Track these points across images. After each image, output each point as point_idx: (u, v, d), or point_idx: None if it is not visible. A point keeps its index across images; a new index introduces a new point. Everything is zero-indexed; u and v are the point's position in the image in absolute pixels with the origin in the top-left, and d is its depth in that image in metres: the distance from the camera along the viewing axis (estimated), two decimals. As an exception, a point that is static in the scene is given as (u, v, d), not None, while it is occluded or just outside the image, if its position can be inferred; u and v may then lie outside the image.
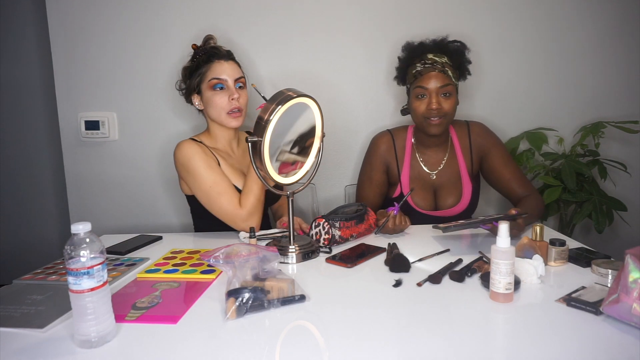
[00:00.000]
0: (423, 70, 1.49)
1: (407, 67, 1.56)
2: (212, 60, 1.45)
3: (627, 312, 0.80)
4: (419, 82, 1.49)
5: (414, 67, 1.52)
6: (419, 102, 1.51)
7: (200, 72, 1.45)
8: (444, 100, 1.48)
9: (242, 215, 1.37)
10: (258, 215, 1.40)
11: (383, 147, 1.64)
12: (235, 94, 1.44)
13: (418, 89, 1.50)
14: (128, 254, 1.31)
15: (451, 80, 1.49)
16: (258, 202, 1.39)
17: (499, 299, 0.93)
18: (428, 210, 1.59)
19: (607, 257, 1.14)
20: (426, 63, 1.49)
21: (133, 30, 1.93)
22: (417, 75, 1.50)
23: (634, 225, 2.05)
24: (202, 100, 1.48)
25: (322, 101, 1.27)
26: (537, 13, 1.97)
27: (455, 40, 1.54)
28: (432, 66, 1.48)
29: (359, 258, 1.20)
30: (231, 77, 1.45)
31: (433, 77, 1.47)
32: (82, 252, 0.76)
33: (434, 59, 1.49)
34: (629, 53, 2.01)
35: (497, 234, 0.94)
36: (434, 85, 1.47)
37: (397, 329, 0.85)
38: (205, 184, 1.39)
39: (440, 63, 1.48)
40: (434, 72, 1.47)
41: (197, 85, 1.47)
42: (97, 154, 2.02)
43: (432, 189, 1.61)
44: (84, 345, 0.79)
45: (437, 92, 1.48)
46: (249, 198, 1.38)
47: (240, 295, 0.90)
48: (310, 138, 1.28)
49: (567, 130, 2.03)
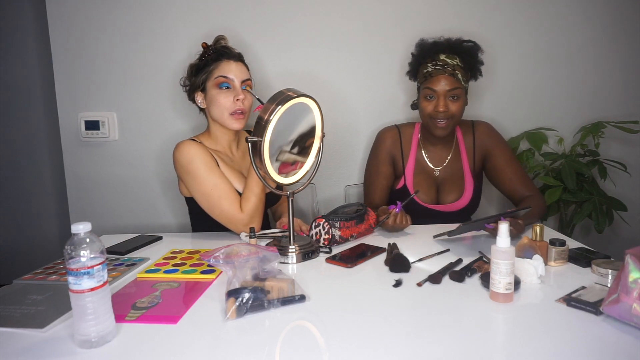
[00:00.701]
0: (434, 72, 1.50)
1: (419, 64, 1.57)
2: (220, 59, 1.42)
3: (627, 312, 0.80)
4: (429, 83, 1.51)
5: (425, 66, 1.53)
6: (427, 103, 1.53)
7: (208, 70, 1.42)
8: (451, 103, 1.50)
9: (243, 220, 1.36)
10: (259, 218, 1.39)
11: (389, 141, 1.66)
12: (241, 95, 1.40)
13: (427, 90, 1.52)
14: (128, 254, 1.31)
15: (460, 84, 1.50)
16: (259, 205, 1.38)
17: (499, 299, 0.93)
18: (430, 204, 1.61)
19: (607, 257, 1.14)
20: (437, 64, 1.49)
21: (133, 30, 1.93)
22: (427, 76, 1.51)
23: (634, 225, 2.05)
24: (206, 98, 1.45)
25: (322, 101, 1.27)
26: (537, 13, 1.97)
27: (469, 40, 1.55)
28: (442, 68, 1.48)
29: (359, 258, 1.20)
30: (238, 78, 1.42)
31: (442, 79, 1.48)
32: (82, 252, 0.76)
33: (445, 60, 1.49)
34: (629, 53, 2.01)
35: (497, 234, 0.94)
36: (442, 88, 1.48)
37: (397, 329, 0.85)
38: (206, 187, 1.37)
39: (451, 65, 1.48)
40: (444, 75, 1.48)
41: (202, 82, 1.44)
42: (97, 154, 2.02)
43: (435, 184, 1.63)
44: (84, 345, 0.79)
45: (446, 94, 1.49)
46: (250, 201, 1.37)
47: (240, 295, 0.90)
48: (310, 138, 1.28)
49: (567, 130, 2.03)
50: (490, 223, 1.27)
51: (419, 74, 1.57)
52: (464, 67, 1.51)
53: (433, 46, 1.54)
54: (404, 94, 2.00)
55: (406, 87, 1.99)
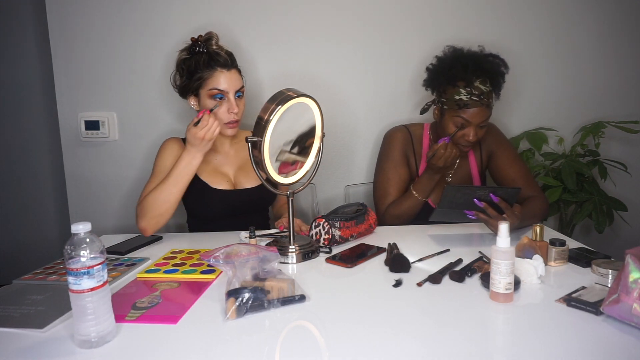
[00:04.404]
0: (470, 103, 1.42)
1: (447, 82, 1.47)
2: (214, 67, 1.40)
3: (628, 312, 0.80)
4: (463, 112, 1.43)
5: (458, 91, 1.43)
6: (455, 128, 1.46)
7: (201, 77, 1.41)
8: (479, 130, 1.47)
9: (137, 209, 1.39)
10: (147, 218, 1.36)
11: (403, 142, 1.61)
12: (235, 108, 1.42)
13: (459, 119, 1.44)
14: (128, 254, 1.31)
15: (491, 111, 1.46)
16: (152, 208, 1.36)
17: (499, 299, 0.93)
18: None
19: (607, 257, 1.14)
20: (473, 94, 1.41)
21: (133, 30, 1.93)
22: (462, 105, 1.43)
23: (634, 225, 2.04)
24: (199, 103, 1.46)
25: (322, 101, 1.27)
26: (537, 14, 1.97)
27: (495, 55, 1.49)
28: (479, 100, 1.41)
29: (359, 258, 1.20)
30: (232, 89, 1.42)
31: (479, 112, 1.42)
32: (82, 252, 0.76)
33: (480, 88, 1.41)
34: (629, 53, 2.01)
35: (497, 234, 0.94)
36: (477, 120, 1.43)
37: (397, 329, 0.84)
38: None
39: (486, 95, 1.42)
40: (481, 107, 1.42)
41: (195, 88, 1.44)
42: (97, 154, 2.02)
43: (444, 185, 1.61)
44: (84, 346, 0.79)
45: (478, 124, 1.45)
46: (148, 196, 1.37)
47: (240, 295, 0.90)
48: (310, 138, 1.28)
49: (567, 130, 2.03)
50: (479, 199, 1.28)
51: (448, 94, 1.46)
52: (494, 90, 1.46)
53: (465, 67, 1.44)
54: (405, 94, 2.00)
55: (407, 87, 1.98)
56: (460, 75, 1.44)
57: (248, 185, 1.54)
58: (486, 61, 1.47)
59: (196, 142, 1.35)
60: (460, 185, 1.28)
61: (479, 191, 1.28)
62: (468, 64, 1.44)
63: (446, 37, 1.58)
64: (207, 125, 1.34)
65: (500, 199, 1.28)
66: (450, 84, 1.45)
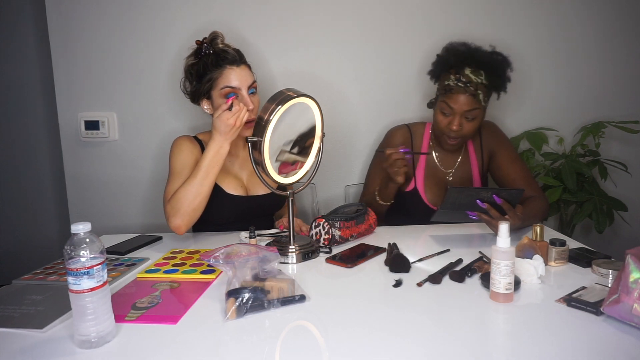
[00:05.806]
0: (454, 87, 1.41)
1: (442, 70, 1.48)
2: (222, 66, 1.36)
3: (628, 312, 0.80)
4: (447, 97, 1.43)
5: (448, 77, 1.44)
6: (442, 117, 1.47)
7: (211, 78, 1.36)
8: (466, 123, 1.45)
9: (166, 209, 1.32)
10: (180, 215, 1.29)
11: (400, 139, 1.62)
12: (251, 105, 1.36)
13: (444, 104, 1.45)
14: (128, 254, 1.31)
15: (480, 104, 1.43)
16: (185, 203, 1.29)
17: (499, 299, 0.93)
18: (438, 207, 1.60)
19: (607, 257, 1.14)
20: (460, 80, 1.40)
21: (133, 30, 1.93)
22: (447, 90, 1.43)
23: (634, 225, 2.04)
24: (213, 105, 1.41)
25: (322, 101, 1.26)
26: (537, 13, 1.97)
27: (500, 53, 1.47)
28: (464, 86, 1.40)
29: (359, 258, 1.20)
30: (244, 85, 1.37)
31: (462, 98, 1.41)
32: (82, 252, 0.76)
33: (469, 76, 1.40)
34: (629, 53, 2.01)
35: (497, 234, 0.94)
36: (460, 107, 1.42)
37: (397, 329, 0.84)
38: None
39: (474, 84, 1.40)
40: (464, 95, 1.40)
41: (207, 90, 1.39)
42: (97, 154, 2.02)
43: (444, 186, 1.60)
44: (84, 346, 0.79)
45: (462, 114, 1.43)
46: (178, 192, 1.30)
47: (240, 295, 0.90)
48: (310, 138, 1.28)
49: (567, 130, 2.03)
50: (482, 200, 1.28)
51: (440, 81, 1.48)
52: (488, 85, 1.43)
53: (460, 56, 1.44)
54: (405, 94, 2.00)
55: (407, 87, 1.98)
56: (454, 63, 1.45)
57: (261, 192, 1.51)
58: (484, 54, 1.46)
59: (226, 130, 1.30)
60: (462, 186, 1.28)
61: (481, 192, 1.28)
62: (465, 53, 1.45)
63: (446, 37, 1.58)
64: (237, 112, 1.30)
65: (503, 200, 1.28)
66: (444, 71, 1.47)
